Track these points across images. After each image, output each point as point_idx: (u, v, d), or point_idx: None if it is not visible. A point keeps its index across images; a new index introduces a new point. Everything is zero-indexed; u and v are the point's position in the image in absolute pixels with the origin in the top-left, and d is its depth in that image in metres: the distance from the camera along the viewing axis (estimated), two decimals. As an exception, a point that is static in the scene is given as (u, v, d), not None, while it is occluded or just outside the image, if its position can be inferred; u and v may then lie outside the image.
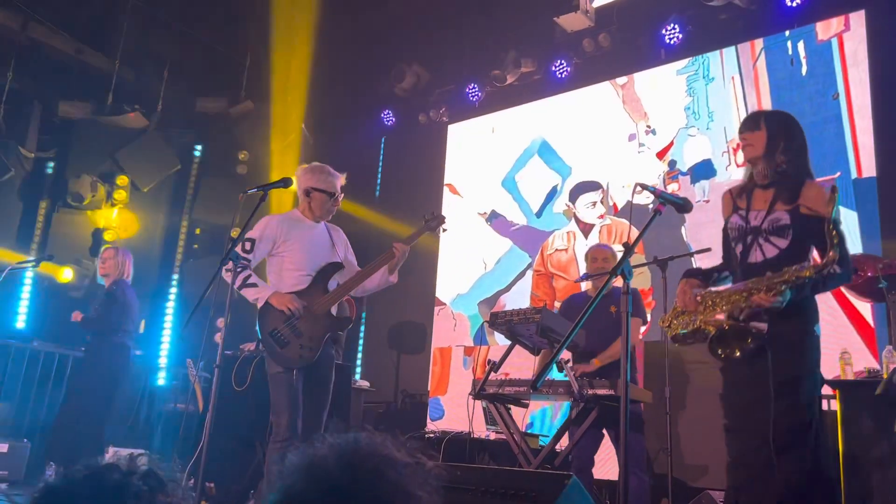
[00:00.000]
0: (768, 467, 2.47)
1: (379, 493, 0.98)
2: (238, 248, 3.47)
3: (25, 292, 6.93)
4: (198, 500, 3.32)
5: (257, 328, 3.60)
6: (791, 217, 2.64)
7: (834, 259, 2.44)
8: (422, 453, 1.09)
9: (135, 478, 1.01)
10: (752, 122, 2.79)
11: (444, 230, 4.03)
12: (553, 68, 6.75)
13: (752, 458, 2.52)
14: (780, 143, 2.71)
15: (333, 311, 3.66)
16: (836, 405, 3.55)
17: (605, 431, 4.15)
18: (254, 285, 3.52)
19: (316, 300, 3.58)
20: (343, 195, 3.87)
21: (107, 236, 7.05)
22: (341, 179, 3.84)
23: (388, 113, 8.01)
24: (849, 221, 4.91)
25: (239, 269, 3.45)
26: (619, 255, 4.55)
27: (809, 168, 2.78)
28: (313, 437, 1.07)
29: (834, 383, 3.57)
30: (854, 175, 5.01)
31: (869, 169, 4.97)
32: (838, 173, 5.04)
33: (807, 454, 2.45)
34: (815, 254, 2.65)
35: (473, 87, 7.30)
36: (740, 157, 2.96)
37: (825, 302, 4.66)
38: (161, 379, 7.09)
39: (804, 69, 5.42)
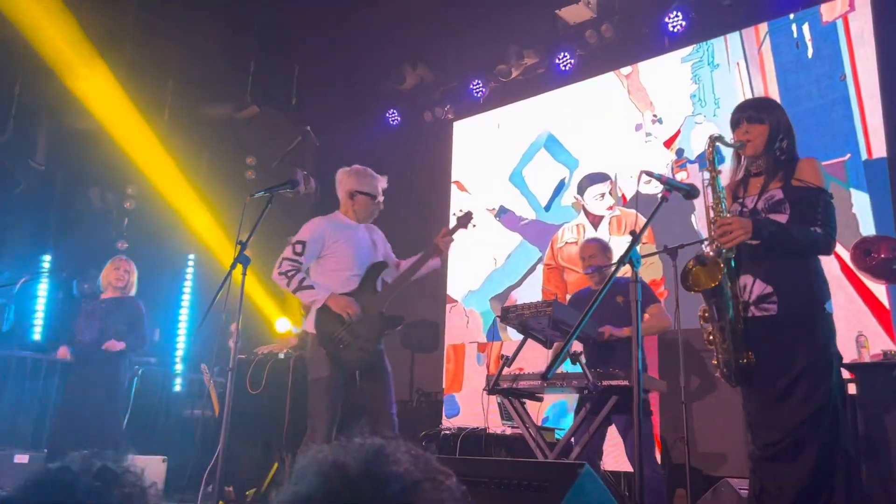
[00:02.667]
0: (790, 455, 2.45)
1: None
2: (289, 252, 3.54)
3: (40, 304, 6.98)
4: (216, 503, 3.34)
5: (314, 331, 3.62)
6: (784, 191, 2.66)
7: None
8: (440, 460, 1.07)
9: (86, 476, 1.01)
10: (752, 113, 2.79)
11: (474, 225, 4.10)
12: (557, 61, 6.73)
13: (775, 448, 2.51)
14: (779, 136, 2.74)
15: (384, 309, 3.76)
16: (853, 388, 3.53)
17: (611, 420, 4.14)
18: (310, 287, 3.58)
19: (368, 300, 3.65)
20: (383, 197, 3.95)
21: (120, 246, 7.08)
22: (383, 182, 3.97)
23: (394, 112, 8.02)
24: (861, 203, 4.87)
25: (291, 273, 3.51)
26: (610, 247, 4.58)
27: (797, 150, 2.82)
28: (340, 438, 1.06)
29: (851, 366, 3.54)
30: (864, 157, 4.96)
31: (879, 150, 4.92)
32: (848, 155, 4.99)
33: (828, 438, 2.44)
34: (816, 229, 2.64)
35: (478, 84, 7.29)
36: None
37: (840, 286, 4.63)
38: (177, 385, 7.13)
39: (810, 52, 5.37)
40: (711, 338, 2.63)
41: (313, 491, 0.98)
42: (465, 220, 3.99)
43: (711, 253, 2.65)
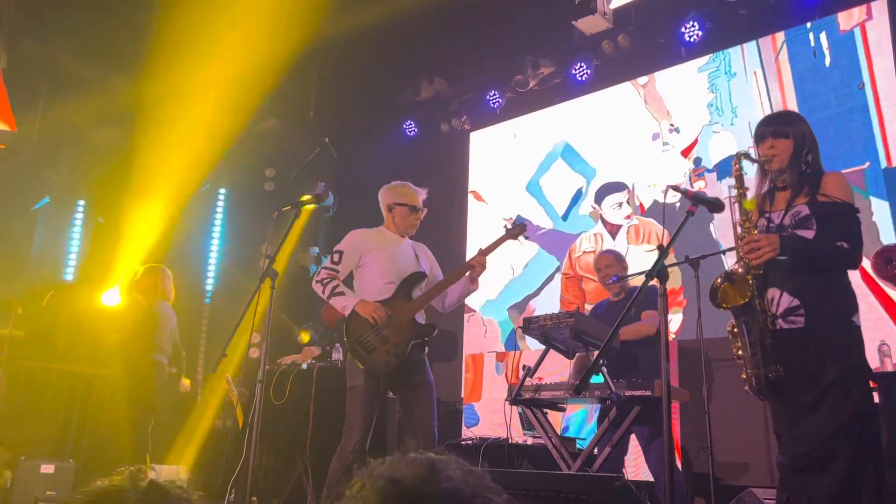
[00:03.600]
0: (820, 467, 2.46)
1: None
2: (328, 261, 3.63)
3: (65, 316, 7.06)
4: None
5: (344, 335, 3.71)
6: (810, 207, 2.67)
7: None
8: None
9: (134, 493, 1.05)
10: (776, 128, 2.80)
11: (527, 237, 4.20)
12: (573, 71, 6.76)
13: (804, 460, 2.52)
14: (805, 150, 2.75)
15: (419, 318, 3.80)
16: (875, 397, 3.53)
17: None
18: (341, 294, 3.68)
19: (401, 308, 3.70)
20: (426, 210, 4.04)
21: (144, 258, 7.17)
22: (423, 194, 4.04)
23: (411, 123, 8.08)
24: (881, 211, 4.86)
25: (327, 280, 3.63)
26: (624, 257, 4.61)
27: (821, 161, 2.83)
28: (395, 454, 1.08)
29: (874, 376, 3.54)
30: (884, 164, 4.96)
31: (899, 158, 4.91)
32: (867, 163, 4.99)
33: (857, 450, 2.44)
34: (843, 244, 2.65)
35: (494, 95, 7.34)
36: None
37: (861, 294, 4.61)
38: (199, 396, 7.19)
39: (828, 60, 5.38)
40: (740, 353, 2.65)
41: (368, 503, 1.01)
42: (514, 231, 4.02)
43: (740, 269, 2.67)
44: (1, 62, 5.49)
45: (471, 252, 7.35)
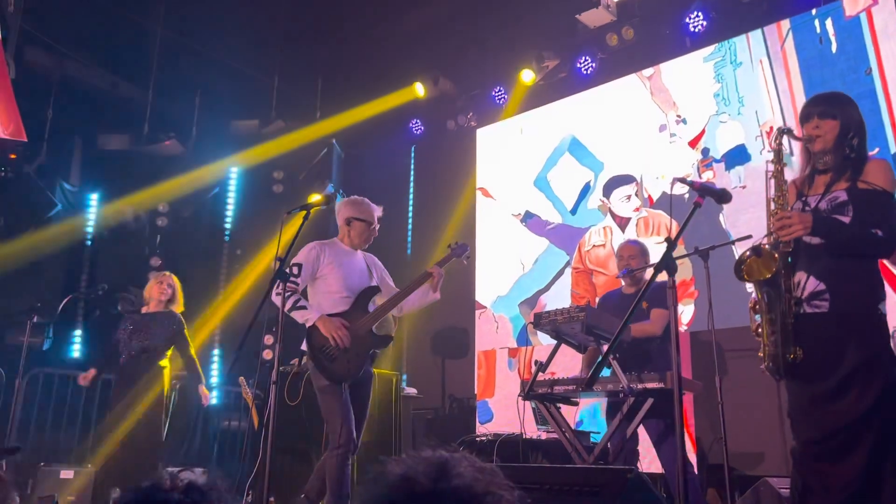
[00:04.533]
0: (839, 455, 2.44)
1: None
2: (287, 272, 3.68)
3: (79, 322, 7.13)
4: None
5: (305, 345, 3.91)
6: (849, 193, 2.61)
7: None
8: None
9: (176, 493, 1.07)
10: (824, 108, 2.72)
11: (468, 257, 4.38)
12: (578, 65, 6.76)
13: (818, 447, 2.50)
14: (850, 133, 2.68)
15: (375, 329, 4.01)
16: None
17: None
18: (303, 308, 3.87)
19: (358, 320, 3.92)
20: (379, 226, 4.24)
21: (153, 263, 7.22)
22: (378, 211, 4.23)
23: (417, 122, 8.10)
24: (891, 197, 4.84)
25: (288, 294, 3.74)
26: (648, 250, 4.60)
27: (867, 148, 2.77)
28: (404, 454, 1.10)
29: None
30: (893, 150, 4.94)
31: (908, 143, 4.89)
32: (876, 149, 4.96)
33: (879, 439, 2.42)
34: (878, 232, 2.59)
35: (500, 90, 7.34)
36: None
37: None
38: (213, 398, 7.24)
39: (834, 47, 5.35)
40: (760, 329, 2.62)
41: (381, 502, 1.03)
42: (459, 250, 4.24)
43: (767, 245, 2.64)
44: (10, 72, 5.53)
45: (481, 249, 7.38)
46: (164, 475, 1.10)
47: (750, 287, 2.94)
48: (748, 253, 2.63)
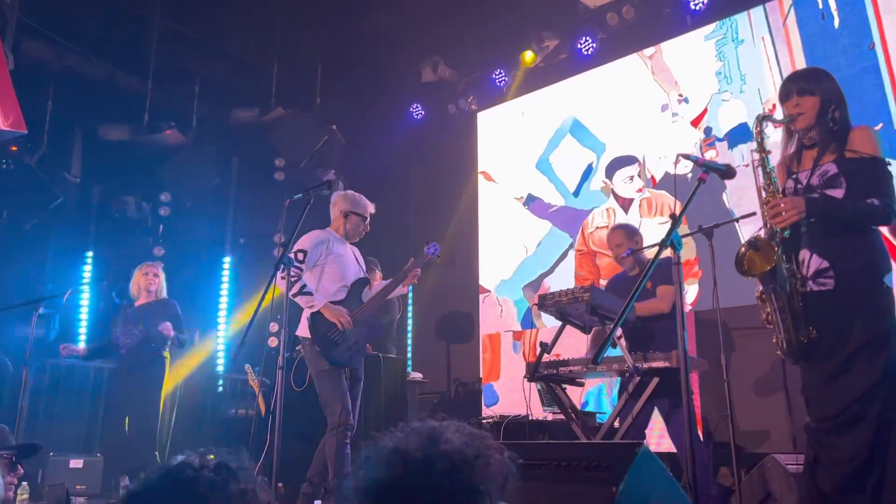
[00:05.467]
0: (846, 429, 2.45)
1: (457, 482, 1.03)
2: (291, 257, 3.74)
3: (83, 314, 7.15)
4: (273, 501, 3.43)
5: (308, 331, 4.06)
6: (838, 165, 2.61)
7: None
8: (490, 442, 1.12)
9: (206, 471, 1.08)
10: (802, 85, 2.72)
11: (438, 258, 4.55)
12: (578, 46, 6.72)
13: (830, 422, 2.51)
14: (831, 107, 2.68)
15: (370, 319, 4.30)
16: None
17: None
18: (309, 294, 4.03)
19: (355, 309, 4.16)
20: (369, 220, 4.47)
21: (156, 253, 7.23)
22: (372, 207, 4.48)
23: (417, 106, 8.06)
24: (894, 171, 4.81)
25: (294, 279, 3.81)
26: (637, 230, 4.58)
27: (849, 117, 2.76)
28: (395, 427, 1.13)
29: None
30: (897, 125, 4.91)
31: (912, 117, 4.86)
32: (880, 125, 4.93)
33: (885, 412, 2.42)
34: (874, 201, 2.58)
35: (500, 73, 7.31)
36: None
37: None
38: (220, 386, 7.27)
39: (836, 22, 5.31)
40: (770, 318, 2.62)
41: (377, 476, 1.05)
42: (430, 250, 4.45)
43: (763, 235, 2.64)
44: (8, 64, 5.51)
45: (483, 233, 7.38)
46: (194, 454, 1.11)
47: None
48: (745, 248, 2.63)
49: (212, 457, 1.11)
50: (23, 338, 5.82)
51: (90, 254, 7.46)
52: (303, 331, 4.16)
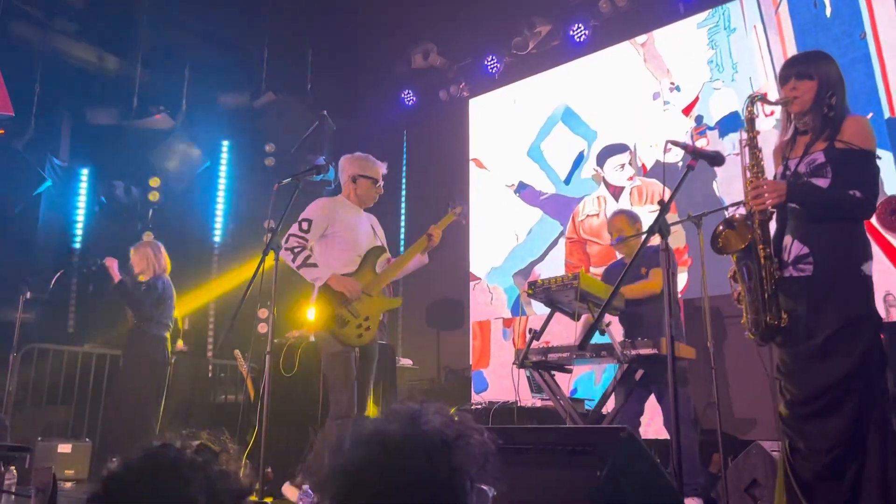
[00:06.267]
0: (823, 416, 2.47)
1: (436, 462, 1.03)
2: (295, 229, 3.63)
3: (73, 297, 7.12)
4: (261, 486, 3.44)
5: (315, 308, 3.75)
6: (826, 155, 2.61)
7: None
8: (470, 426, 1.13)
9: (189, 452, 1.08)
10: (801, 69, 2.70)
11: (464, 222, 4.36)
12: (571, 33, 6.69)
13: (804, 408, 2.53)
14: (829, 91, 2.65)
15: (385, 292, 3.89)
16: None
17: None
18: (314, 265, 3.68)
19: (369, 281, 3.77)
20: (383, 182, 4.08)
21: (146, 238, 7.19)
22: (383, 167, 4.08)
23: (409, 92, 8.03)
24: (885, 162, 4.82)
25: (298, 249, 3.62)
26: (639, 217, 4.59)
27: (847, 104, 2.75)
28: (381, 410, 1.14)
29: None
30: (887, 115, 4.92)
31: (902, 107, 4.87)
32: (871, 114, 4.95)
33: (862, 400, 2.44)
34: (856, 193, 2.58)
35: (492, 59, 7.28)
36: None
37: (865, 246, 4.61)
38: (209, 372, 7.26)
39: (828, 11, 5.31)
40: (740, 297, 2.65)
41: (356, 457, 1.05)
42: (453, 207, 4.18)
43: (737, 215, 2.65)
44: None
45: (474, 220, 7.36)
46: (175, 437, 1.11)
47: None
48: (721, 226, 2.64)
49: (196, 440, 1.11)
50: (9, 322, 5.80)
51: (78, 238, 7.43)
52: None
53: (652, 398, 4.22)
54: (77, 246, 7.38)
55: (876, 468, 2.40)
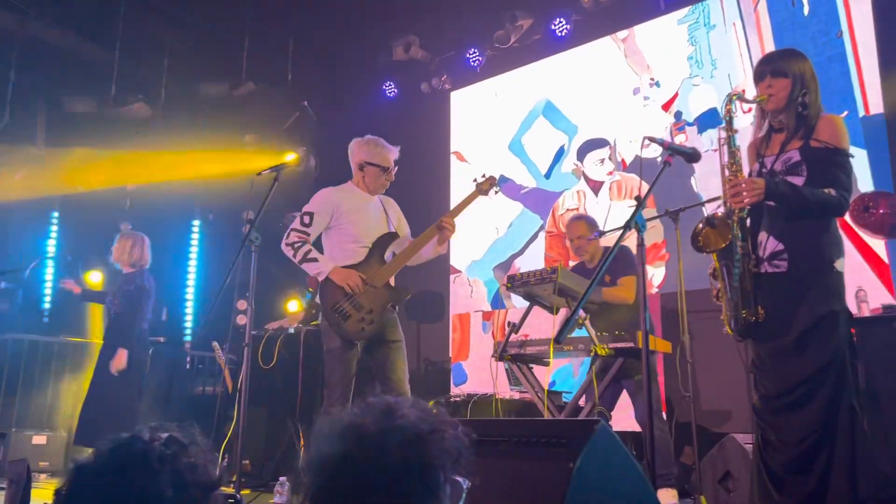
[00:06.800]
0: (794, 409, 2.51)
1: (409, 457, 1.04)
2: (297, 223, 3.58)
3: (48, 288, 7.05)
4: (238, 477, 3.43)
5: (318, 302, 3.69)
6: (801, 153, 2.65)
7: None
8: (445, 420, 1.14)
9: (157, 444, 1.08)
10: (776, 66, 2.73)
11: (497, 191, 4.04)
12: (552, 27, 6.71)
13: (777, 402, 2.57)
14: (802, 89, 2.69)
15: (392, 281, 3.73)
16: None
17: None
18: (314, 260, 3.58)
19: (375, 272, 3.63)
20: (396, 168, 3.91)
21: (123, 228, 7.12)
22: (395, 152, 3.91)
23: (390, 84, 8.00)
24: (859, 160, 4.89)
25: (298, 244, 3.55)
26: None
27: (821, 103, 2.79)
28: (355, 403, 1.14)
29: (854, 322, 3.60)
30: (862, 113, 4.99)
31: (876, 106, 4.94)
32: (846, 112, 5.01)
33: (833, 394, 2.49)
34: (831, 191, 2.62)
35: (474, 52, 7.27)
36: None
37: (839, 242, 4.69)
38: (187, 364, 7.22)
39: (806, 9, 5.36)
40: (719, 294, 2.68)
41: (332, 451, 1.06)
42: (486, 185, 3.92)
43: (719, 213, 2.69)
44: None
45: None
46: (143, 429, 1.10)
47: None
48: (702, 224, 2.68)
49: (164, 432, 1.11)
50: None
51: (54, 227, 7.34)
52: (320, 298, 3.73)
53: (624, 393, 4.27)
54: (53, 236, 7.29)
55: (845, 460, 2.45)
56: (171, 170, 7.42)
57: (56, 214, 7.43)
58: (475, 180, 3.85)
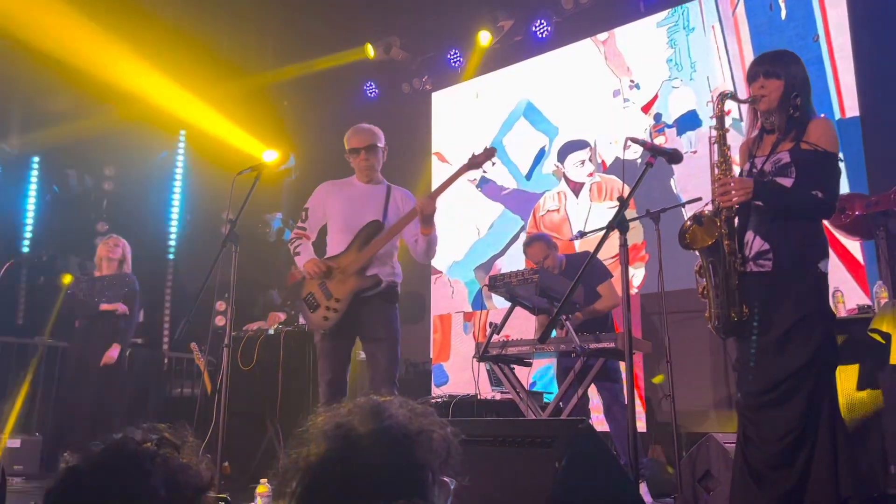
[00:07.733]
0: (776, 407, 2.54)
1: (399, 456, 1.04)
2: (299, 221, 3.61)
3: (22, 288, 6.94)
4: (218, 481, 3.40)
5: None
6: (791, 155, 2.67)
7: None
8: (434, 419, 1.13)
9: (149, 445, 1.06)
10: (769, 67, 2.74)
11: (494, 163, 3.82)
12: (533, 29, 6.73)
13: (759, 399, 2.60)
14: (794, 92, 2.71)
15: (370, 270, 3.55)
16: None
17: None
18: (298, 254, 3.59)
19: (350, 260, 3.51)
20: (386, 147, 3.80)
21: (100, 228, 7.03)
22: (365, 133, 3.74)
23: (371, 84, 7.99)
24: (835, 162, 4.96)
25: (295, 241, 3.60)
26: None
27: (813, 105, 2.82)
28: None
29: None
30: (837, 116, 5.06)
31: (852, 109, 5.02)
32: (822, 115, 5.07)
33: (814, 392, 2.52)
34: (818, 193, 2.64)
35: (455, 53, 7.28)
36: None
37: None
38: (165, 365, 7.14)
39: (783, 13, 5.43)
40: (705, 291, 2.70)
41: (319, 451, 1.05)
42: (481, 157, 3.68)
43: (706, 211, 2.70)
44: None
45: (436, 215, 7.34)
46: (135, 429, 1.09)
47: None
48: (689, 222, 2.69)
49: (156, 433, 1.09)
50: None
51: (29, 228, 7.23)
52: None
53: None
54: (28, 236, 7.18)
55: (825, 457, 2.48)
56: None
57: (32, 213, 7.32)
58: (473, 154, 3.66)
